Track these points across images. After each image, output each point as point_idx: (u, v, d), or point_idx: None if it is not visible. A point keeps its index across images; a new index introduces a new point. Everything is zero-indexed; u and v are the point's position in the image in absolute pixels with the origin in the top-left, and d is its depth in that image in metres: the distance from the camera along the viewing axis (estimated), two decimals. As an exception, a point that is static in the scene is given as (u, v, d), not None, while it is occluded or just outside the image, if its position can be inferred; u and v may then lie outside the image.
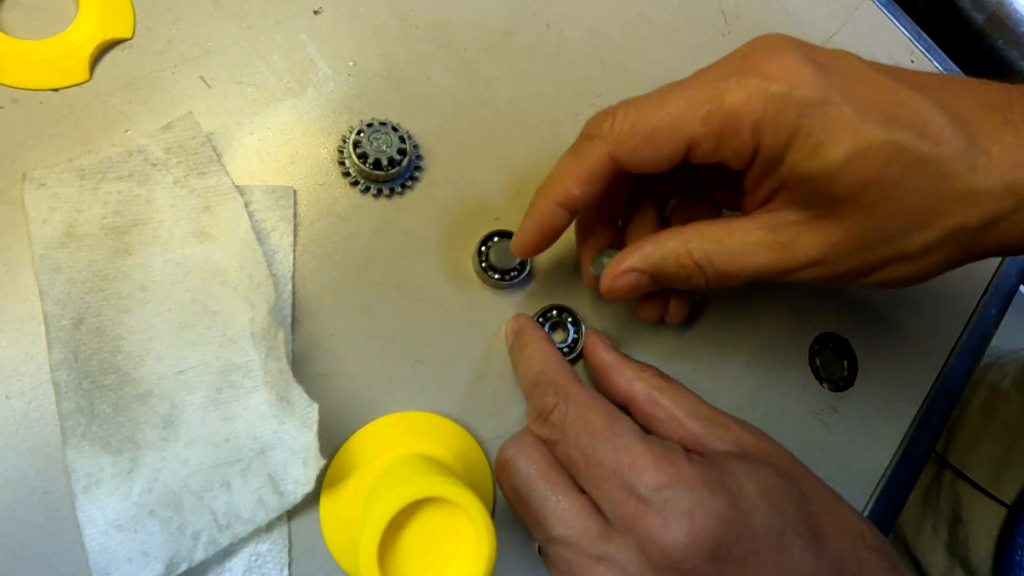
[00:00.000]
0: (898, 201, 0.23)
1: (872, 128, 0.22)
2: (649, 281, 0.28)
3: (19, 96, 0.30)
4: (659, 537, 0.22)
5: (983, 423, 0.55)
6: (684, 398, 0.27)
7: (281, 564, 0.27)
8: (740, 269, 0.26)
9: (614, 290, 0.28)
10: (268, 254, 0.30)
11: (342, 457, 0.29)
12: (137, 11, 0.32)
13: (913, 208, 0.23)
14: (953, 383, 0.40)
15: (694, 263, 0.26)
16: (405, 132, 0.32)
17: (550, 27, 0.38)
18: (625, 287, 0.28)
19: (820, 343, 0.37)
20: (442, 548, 0.23)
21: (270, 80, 0.33)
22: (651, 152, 0.25)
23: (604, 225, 0.31)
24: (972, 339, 0.41)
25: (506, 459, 0.27)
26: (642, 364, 0.29)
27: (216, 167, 0.30)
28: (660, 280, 0.28)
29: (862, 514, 0.26)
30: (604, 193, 0.27)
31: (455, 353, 0.31)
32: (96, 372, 0.26)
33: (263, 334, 0.28)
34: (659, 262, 0.27)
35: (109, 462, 0.26)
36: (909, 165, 0.22)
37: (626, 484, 0.23)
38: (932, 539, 0.53)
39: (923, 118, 0.23)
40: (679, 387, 0.28)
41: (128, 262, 0.28)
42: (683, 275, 0.27)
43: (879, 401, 0.37)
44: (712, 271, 0.26)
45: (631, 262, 0.27)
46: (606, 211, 0.31)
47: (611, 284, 0.28)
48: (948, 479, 0.54)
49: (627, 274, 0.27)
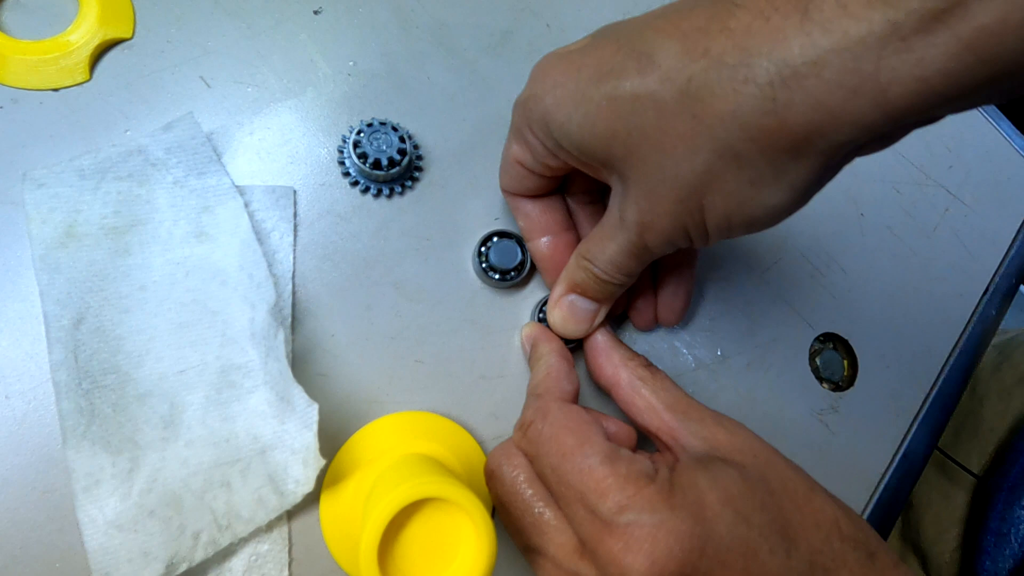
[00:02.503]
0: (645, 138, 0.23)
1: (589, 88, 0.24)
2: (584, 302, 0.30)
3: (19, 96, 0.30)
4: (621, 560, 0.22)
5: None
6: (665, 390, 0.28)
7: (281, 564, 0.27)
8: (612, 257, 0.27)
9: (564, 321, 0.30)
10: (268, 254, 0.30)
11: (342, 457, 0.29)
12: (137, 11, 0.32)
13: (670, 136, 0.23)
14: (953, 383, 0.40)
15: (587, 262, 0.28)
16: (405, 132, 0.32)
17: (550, 27, 0.38)
18: (567, 313, 0.30)
19: (820, 343, 0.37)
20: (442, 548, 0.23)
21: (270, 80, 0.33)
22: (511, 179, 0.30)
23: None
24: (972, 339, 0.41)
25: (492, 467, 0.27)
26: (631, 352, 0.30)
27: (216, 167, 0.30)
28: (589, 291, 0.29)
29: (840, 502, 0.25)
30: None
31: (455, 353, 0.31)
32: (96, 372, 0.26)
33: (263, 334, 0.28)
34: (572, 274, 0.29)
35: (109, 462, 0.26)
36: (630, 109, 0.23)
37: (591, 506, 0.23)
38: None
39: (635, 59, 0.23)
40: (663, 378, 0.28)
41: (128, 262, 0.28)
42: (592, 276, 0.28)
43: (879, 401, 0.37)
44: (602, 264, 0.28)
45: (556, 292, 0.30)
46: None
47: (555, 316, 0.30)
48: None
49: (560, 301, 0.30)
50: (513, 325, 0.33)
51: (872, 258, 0.40)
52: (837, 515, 0.25)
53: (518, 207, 0.31)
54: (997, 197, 0.45)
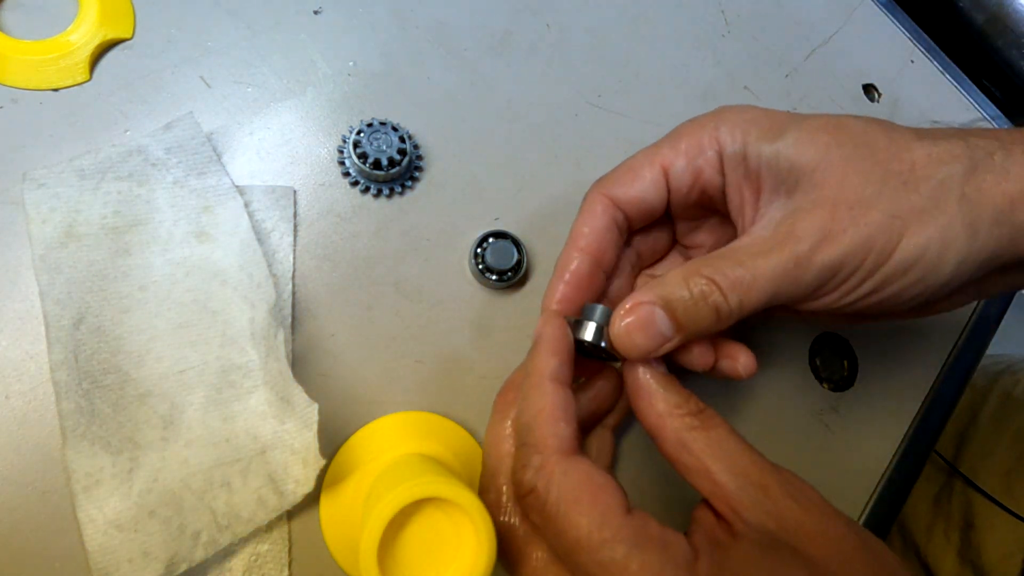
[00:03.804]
0: (864, 157, 0.25)
1: (813, 119, 0.26)
2: (665, 321, 0.24)
3: (19, 96, 0.30)
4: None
5: (995, 432, 0.55)
6: (720, 446, 0.23)
7: (281, 564, 0.27)
8: (754, 276, 0.24)
9: (629, 331, 0.24)
10: (268, 254, 0.30)
11: (342, 457, 0.29)
12: (137, 11, 0.32)
13: (881, 163, 0.25)
14: (953, 383, 0.40)
15: (706, 279, 0.24)
16: (405, 132, 0.32)
17: (550, 27, 0.38)
18: (640, 324, 0.24)
19: (820, 343, 0.37)
20: (442, 548, 0.23)
21: (270, 80, 0.33)
22: (634, 182, 0.28)
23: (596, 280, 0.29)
24: (972, 339, 0.41)
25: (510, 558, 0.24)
26: (680, 397, 0.25)
27: (216, 167, 0.30)
28: (677, 313, 0.24)
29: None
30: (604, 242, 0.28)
31: (455, 353, 0.31)
32: (96, 372, 0.26)
33: (263, 334, 0.28)
34: (668, 289, 0.24)
35: (109, 462, 0.26)
36: (860, 131, 0.25)
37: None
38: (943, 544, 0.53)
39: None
40: (719, 429, 0.24)
41: (128, 262, 0.28)
42: (698, 297, 0.24)
43: (879, 401, 0.37)
44: (727, 283, 0.24)
45: (640, 296, 0.24)
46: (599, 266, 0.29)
47: (624, 321, 0.24)
48: (959, 487, 0.54)
49: (639, 307, 0.24)
50: (513, 325, 0.33)
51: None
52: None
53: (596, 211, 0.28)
54: (997, 197, 0.45)
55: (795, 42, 0.43)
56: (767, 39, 0.43)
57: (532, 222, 0.34)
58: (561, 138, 0.36)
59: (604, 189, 0.28)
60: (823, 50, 0.44)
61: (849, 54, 0.44)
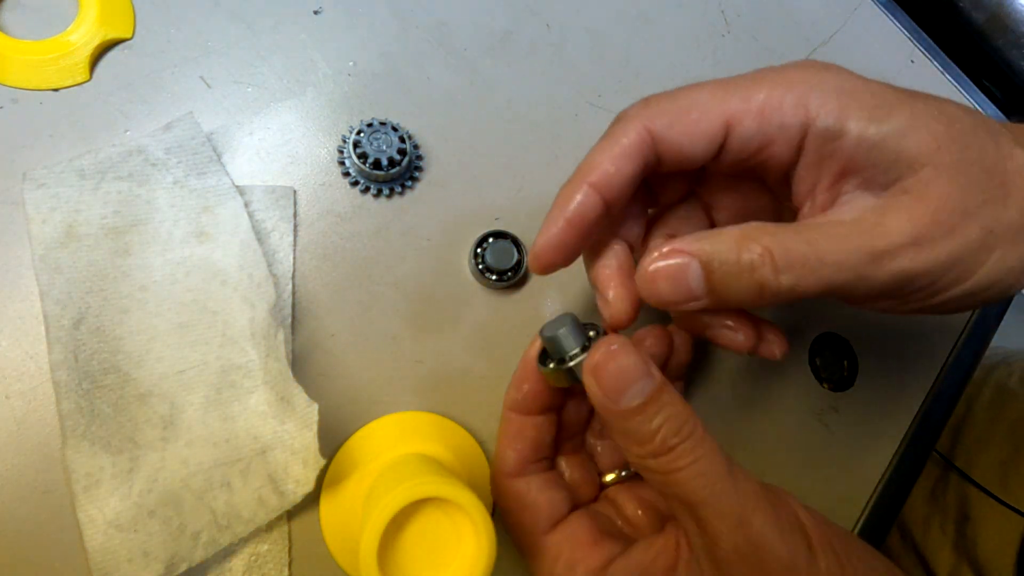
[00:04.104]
0: (973, 161, 0.22)
1: (919, 100, 0.22)
2: (699, 280, 0.22)
3: (19, 96, 0.30)
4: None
5: (990, 423, 0.55)
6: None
7: (281, 564, 0.27)
8: (820, 261, 0.21)
9: (656, 277, 0.22)
10: (268, 254, 0.30)
11: (342, 457, 0.29)
12: (137, 11, 0.32)
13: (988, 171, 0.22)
14: (953, 383, 0.40)
15: (763, 249, 0.21)
16: (405, 132, 0.32)
17: (550, 27, 0.38)
18: (670, 272, 0.22)
19: (820, 343, 0.37)
20: (442, 548, 0.23)
21: (270, 80, 0.33)
22: (687, 127, 0.23)
23: (616, 237, 0.27)
24: (972, 339, 0.41)
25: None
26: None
27: (216, 167, 0.30)
28: (714, 276, 0.22)
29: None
30: (632, 188, 0.24)
31: (455, 353, 0.31)
32: (96, 372, 0.26)
33: (263, 334, 0.28)
34: (715, 247, 0.22)
35: (109, 462, 0.26)
36: (970, 128, 0.22)
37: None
38: (939, 537, 0.53)
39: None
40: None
41: (128, 262, 0.28)
42: (745, 266, 0.21)
43: (879, 401, 0.37)
44: (785, 261, 0.21)
45: (681, 244, 0.22)
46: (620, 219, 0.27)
47: (655, 265, 0.22)
48: (954, 480, 0.54)
49: (675, 254, 0.22)
50: (514, 325, 0.33)
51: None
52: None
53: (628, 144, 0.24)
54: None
55: (795, 42, 0.43)
56: (767, 39, 0.43)
57: (532, 222, 0.34)
58: (561, 138, 0.36)
59: (649, 120, 0.23)
60: (823, 50, 0.44)
61: (849, 54, 0.44)
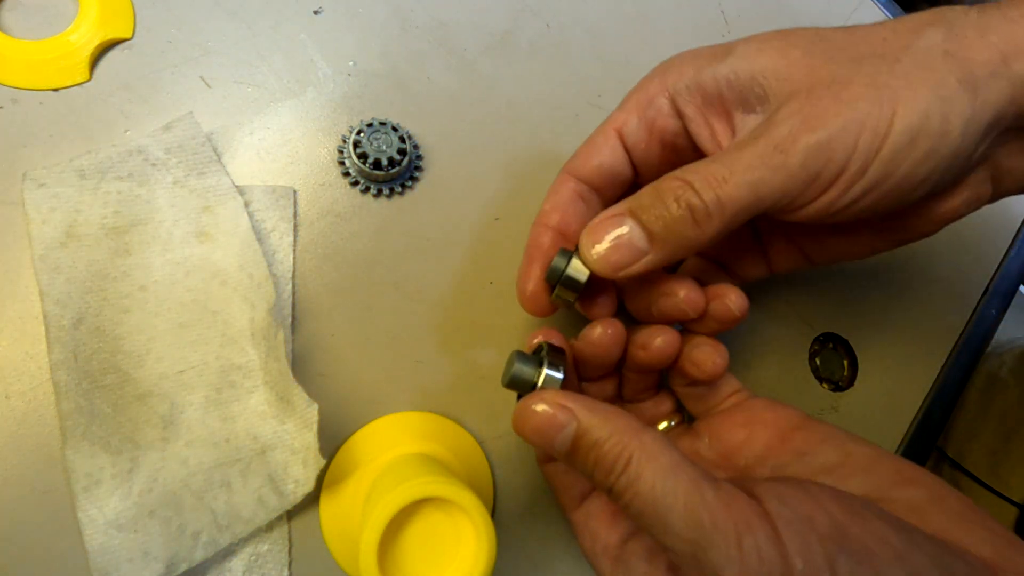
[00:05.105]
0: (818, 57, 0.24)
1: (756, 36, 0.26)
2: (639, 234, 0.23)
3: (19, 96, 0.30)
4: None
5: (980, 413, 0.55)
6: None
7: (281, 564, 0.27)
8: (731, 169, 0.22)
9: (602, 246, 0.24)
10: (268, 254, 0.30)
11: (342, 457, 0.29)
12: (137, 11, 0.32)
13: (843, 48, 0.24)
14: (953, 383, 0.40)
15: (678, 179, 0.23)
16: (405, 132, 0.32)
17: (550, 27, 0.38)
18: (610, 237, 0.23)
19: (820, 343, 0.37)
20: (442, 548, 0.23)
21: (270, 80, 0.33)
22: (590, 154, 0.28)
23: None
24: (972, 339, 0.41)
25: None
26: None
27: (216, 167, 0.30)
28: (648, 221, 0.23)
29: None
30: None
31: (455, 353, 0.31)
32: (96, 372, 0.26)
33: (263, 334, 0.28)
34: (637, 199, 0.24)
35: (109, 462, 0.26)
36: (803, 39, 0.25)
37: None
38: None
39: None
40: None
41: (128, 262, 0.28)
42: (668, 198, 0.23)
43: (879, 401, 0.37)
44: (700, 179, 0.22)
45: (608, 210, 0.24)
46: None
47: (596, 230, 0.24)
48: (946, 469, 0.54)
49: (607, 220, 0.24)
50: (514, 325, 0.33)
51: (872, 258, 0.40)
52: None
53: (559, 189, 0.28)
54: (997, 197, 0.45)
55: (795, 42, 0.43)
56: (767, 39, 0.43)
57: (532, 222, 0.34)
58: (561, 138, 0.36)
59: (565, 168, 0.29)
60: (823, 50, 0.44)
61: (849, 54, 0.44)
